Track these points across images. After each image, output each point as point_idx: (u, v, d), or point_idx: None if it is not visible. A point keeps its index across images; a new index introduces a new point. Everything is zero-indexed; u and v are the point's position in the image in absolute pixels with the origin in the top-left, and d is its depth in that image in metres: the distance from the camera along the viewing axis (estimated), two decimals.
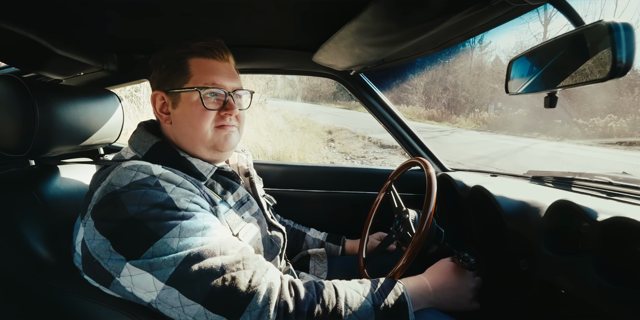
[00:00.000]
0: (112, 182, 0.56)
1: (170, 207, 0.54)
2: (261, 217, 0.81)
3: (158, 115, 0.72)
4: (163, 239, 0.51)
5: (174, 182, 0.58)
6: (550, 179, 0.96)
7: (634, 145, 9.99)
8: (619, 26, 0.43)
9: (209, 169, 0.70)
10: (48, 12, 0.69)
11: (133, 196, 0.54)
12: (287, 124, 9.32)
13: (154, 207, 0.53)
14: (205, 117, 0.68)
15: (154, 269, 0.51)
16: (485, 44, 24.24)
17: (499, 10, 0.61)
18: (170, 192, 0.56)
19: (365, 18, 0.66)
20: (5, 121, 0.70)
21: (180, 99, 0.68)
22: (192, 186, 0.60)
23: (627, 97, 14.13)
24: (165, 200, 0.54)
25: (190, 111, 0.68)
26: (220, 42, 0.71)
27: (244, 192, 0.78)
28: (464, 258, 0.89)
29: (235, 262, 0.54)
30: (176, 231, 0.52)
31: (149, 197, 0.54)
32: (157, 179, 0.57)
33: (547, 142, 11.17)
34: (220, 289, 0.51)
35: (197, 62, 0.68)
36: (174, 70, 0.68)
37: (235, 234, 0.68)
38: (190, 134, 0.69)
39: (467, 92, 20.49)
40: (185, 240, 0.52)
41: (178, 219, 0.54)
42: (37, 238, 0.68)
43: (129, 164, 0.59)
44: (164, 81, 0.69)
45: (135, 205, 0.53)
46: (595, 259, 0.59)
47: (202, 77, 0.67)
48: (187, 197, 0.57)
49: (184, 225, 0.53)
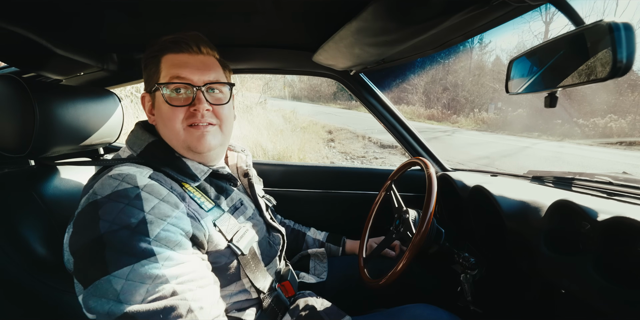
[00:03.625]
0: (95, 190, 0.55)
1: (140, 232, 0.51)
2: (257, 220, 0.80)
3: (148, 117, 0.72)
4: (110, 276, 0.48)
5: (157, 195, 0.56)
6: (550, 179, 0.96)
7: (634, 145, 9.99)
8: (620, 26, 0.43)
9: (203, 171, 0.69)
10: (48, 12, 0.69)
11: (110, 210, 0.52)
12: (287, 123, 9.32)
13: (124, 228, 0.51)
14: (173, 115, 0.64)
15: (92, 312, 0.48)
16: (486, 44, 24.24)
17: (499, 10, 0.61)
18: (148, 211, 0.53)
19: (365, 18, 0.66)
20: (5, 121, 0.70)
21: (156, 98, 0.67)
22: (176, 200, 0.58)
23: (627, 97, 14.13)
24: (139, 223, 0.52)
25: (161, 110, 0.65)
26: (192, 34, 0.67)
27: (237, 197, 0.77)
28: (464, 258, 0.89)
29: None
30: (125, 272, 0.49)
31: (124, 215, 0.52)
32: (140, 190, 0.55)
33: (547, 142, 11.16)
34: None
35: (169, 58, 0.65)
36: (150, 69, 0.67)
37: (230, 239, 0.67)
38: (166, 134, 0.67)
39: (467, 92, 20.48)
40: (129, 287, 0.48)
41: (136, 255, 0.50)
42: (36, 238, 0.68)
43: (115, 172, 0.58)
44: (146, 81, 0.69)
45: (108, 221, 0.51)
46: (596, 259, 0.59)
47: (168, 72, 0.64)
48: (164, 218, 0.54)
49: (136, 267, 0.49)
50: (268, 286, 0.75)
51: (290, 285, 0.85)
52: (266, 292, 0.74)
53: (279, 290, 0.80)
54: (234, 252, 0.67)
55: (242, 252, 0.68)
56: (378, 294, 1.01)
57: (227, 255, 0.66)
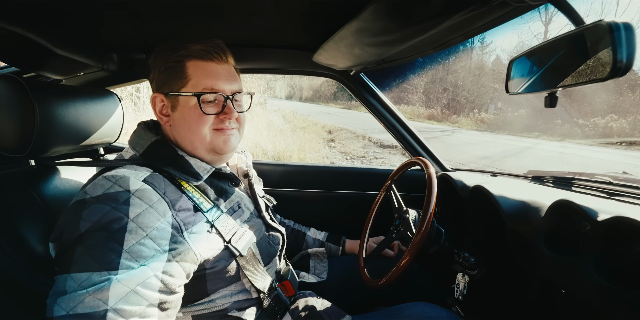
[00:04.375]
0: (86, 189, 0.56)
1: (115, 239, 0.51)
2: (256, 221, 0.80)
3: (158, 117, 0.72)
4: (69, 275, 0.50)
5: (147, 200, 0.56)
6: (550, 179, 0.96)
7: (634, 145, 9.99)
8: (620, 26, 0.43)
9: (206, 170, 0.69)
10: (48, 12, 0.69)
11: (94, 212, 0.53)
12: (287, 123, 9.32)
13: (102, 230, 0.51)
14: (203, 121, 0.67)
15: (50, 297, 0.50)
16: (486, 44, 24.24)
17: (499, 10, 0.61)
18: (132, 218, 0.53)
19: (365, 18, 0.66)
20: (5, 121, 0.70)
21: (179, 103, 0.68)
22: (165, 208, 0.58)
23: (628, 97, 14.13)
24: (119, 229, 0.52)
25: (188, 115, 0.67)
26: (219, 43, 0.70)
27: (236, 199, 0.78)
28: (464, 258, 0.89)
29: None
30: (82, 277, 0.49)
31: (107, 218, 0.52)
32: (131, 195, 0.55)
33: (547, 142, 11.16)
34: None
35: (196, 64, 0.67)
36: (172, 73, 0.67)
37: (228, 240, 0.67)
38: (189, 136, 0.69)
39: (467, 91, 20.48)
40: (78, 291, 0.48)
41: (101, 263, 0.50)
42: (36, 238, 0.68)
43: (110, 173, 0.58)
44: (163, 83, 0.69)
45: (89, 222, 0.52)
46: (596, 259, 0.59)
47: (201, 81, 0.67)
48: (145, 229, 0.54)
49: (93, 277, 0.49)
50: (268, 286, 0.75)
51: (290, 284, 0.85)
52: (266, 292, 0.74)
53: (279, 290, 0.80)
54: (232, 253, 0.67)
55: (241, 253, 0.68)
56: (378, 293, 1.01)
57: (225, 258, 0.66)
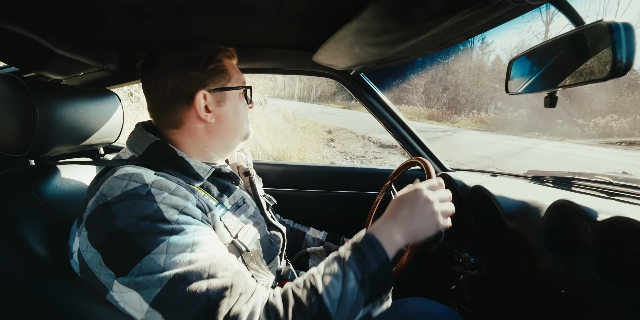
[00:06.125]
0: (103, 192, 0.56)
1: (160, 219, 0.53)
2: (259, 218, 0.81)
3: (205, 115, 0.70)
4: (150, 255, 0.51)
5: (166, 189, 0.57)
6: (550, 179, 0.96)
7: (634, 145, 9.99)
8: (619, 26, 0.43)
9: (206, 170, 0.69)
10: (48, 12, 0.69)
11: (123, 207, 0.53)
12: (287, 123, 9.32)
13: (143, 219, 0.53)
14: (246, 112, 0.79)
15: (140, 288, 0.50)
16: (486, 44, 24.24)
17: (499, 10, 0.61)
18: (160, 202, 0.55)
19: (365, 18, 0.66)
20: (5, 121, 0.70)
21: (227, 97, 0.73)
22: (186, 192, 0.59)
23: (628, 97, 14.12)
24: (155, 212, 0.54)
25: (237, 107, 0.75)
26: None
27: (240, 195, 0.78)
28: (464, 258, 0.89)
29: (221, 288, 0.52)
30: (164, 247, 0.51)
31: (139, 208, 0.53)
32: (149, 187, 0.56)
33: (548, 142, 11.16)
34: (202, 315, 0.49)
35: (229, 63, 0.75)
36: (217, 71, 0.72)
37: (235, 235, 0.68)
38: (234, 127, 0.76)
39: (467, 91, 20.48)
40: (173, 257, 0.51)
41: (167, 233, 0.53)
42: (36, 238, 0.68)
43: (120, 172, 0.58)
44: (206, 80, 0.71)
45: (124, 217, 0.52)
46: (595, 259, 0.59)
47: (239, 77, 0.76)
48: (178, 207, 0.56)
49: (172, 241, 0.52)
50: (270, 284, 0.75)
51: None
52: None
53: None
54: (239, 249, 0.68)
55: (247, 248, 0.69)
56: None
57: (230, 253, 0.66)
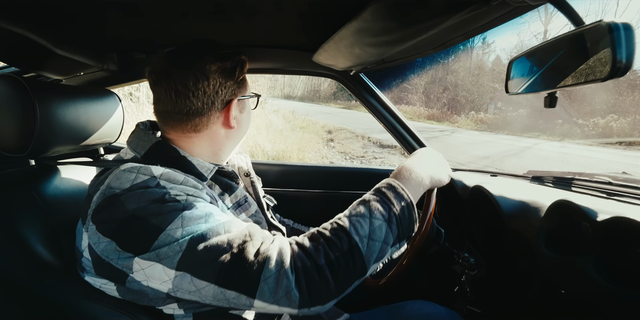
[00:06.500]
0: (111, 185, 0.56)
1: (170, 200, 0.54)
2: (260, 217, 0.81)
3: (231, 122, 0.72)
4: (166, 231, 0.51)
5: (175, 181, 0.58)
6: (550, 179, 0.96)
7: (634, 145, 9.99)
8: (619, 26, 0.43)
9: (209, 169, 0.70)
10: (48, 12, 0.69)
11: (132, 196, 0.54)
12: (287, 123, 9.33)
13: (153, 202, 0.53)
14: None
15: (162, 259, 0.50)
16: (486, 44, 24.25)
17: (499, 10, 0.61)
18: (170, 188, 0.56)
19: (365, 18, 0.66)
20: (5, 121, 0.70)
21: (246, 104, 0.78)
22: (194, 183, 0.60)
23: (628, 97, 14.13)
24: (164, 195, 0.54)
25: (250, 113, 0.81)
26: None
27: (242, 193, 0.78)
28: (464, 258, 0.89)
29: (241, 235, 0.53)
30: (179, 222, 0.52)
31: (148, 194, 0.54)
32: (158, 179, 0.57)
33: (547, 142, 11.15)
34: (229, 264, 0.50)
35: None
36: (244, 81, 0.76)
37: None
38: (245, 132, 0.80)
39: (467, 91, 20.48)
40: (188, 228, 0.52)
41: (179, 210, 0.53)
42: (37, 238, 0.68)
43: (128, 166, 0.58)
44: (238, 89, 0.74)
45: (134, 203, 0.53)
46: (595, 259, 0.59)
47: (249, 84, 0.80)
48: (188, 192, 0.57)
49: (185, 215, 0.53)
50: None
51: None
52: None
53: None
54: None
55: None
56: (376, 292, 1.01)
57: None
